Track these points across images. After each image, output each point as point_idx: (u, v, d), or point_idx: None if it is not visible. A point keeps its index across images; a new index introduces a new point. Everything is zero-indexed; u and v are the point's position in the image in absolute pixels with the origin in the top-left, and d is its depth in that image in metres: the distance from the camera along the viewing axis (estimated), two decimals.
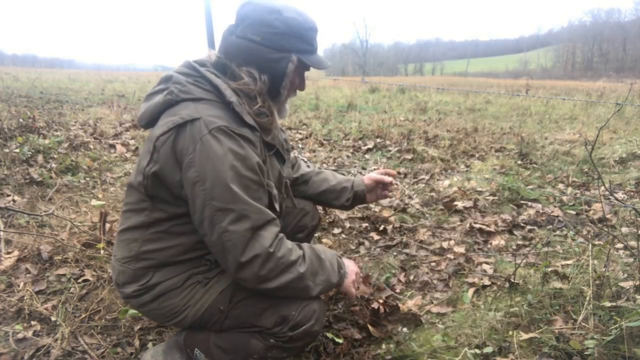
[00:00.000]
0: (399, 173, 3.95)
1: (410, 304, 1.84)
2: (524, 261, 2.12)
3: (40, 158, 3.44)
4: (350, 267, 1.34)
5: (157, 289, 1.21)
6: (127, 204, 1.24)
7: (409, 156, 4.50)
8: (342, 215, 2.79)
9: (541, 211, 2.95)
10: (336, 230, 2.61)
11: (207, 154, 1.06)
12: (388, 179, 1.66)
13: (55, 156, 3.58)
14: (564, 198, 3.22)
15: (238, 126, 1.12)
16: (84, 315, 1.68)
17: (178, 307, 1.22)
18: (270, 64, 1.18)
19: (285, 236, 1.18)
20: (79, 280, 1.89)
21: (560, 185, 3.66)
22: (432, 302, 1.88)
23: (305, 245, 1.23)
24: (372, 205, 3.02)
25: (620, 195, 3.38)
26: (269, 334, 1.22)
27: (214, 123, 1.08)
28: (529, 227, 2.72)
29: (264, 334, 1.23)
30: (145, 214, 1.18)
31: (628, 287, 1.57)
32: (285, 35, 1.17)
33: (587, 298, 1.51)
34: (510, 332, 1.52)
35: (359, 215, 2.83)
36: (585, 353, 1.34)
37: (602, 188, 3.31)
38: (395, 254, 2.35)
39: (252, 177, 1.11)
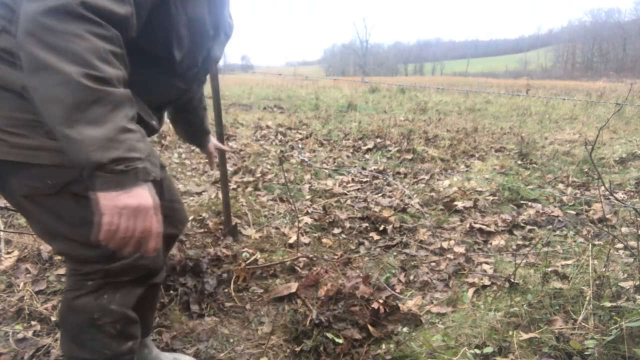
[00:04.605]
0: (398, 173, 3.95)
1: (410, 304, 1.84)
2: (524, 261, 2.12)
3: None
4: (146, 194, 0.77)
5: None
6: None
7: (409, 156, 4.50)
8: (342, 215, 2.79)
9: (541, 211, 2.95)
10: (336, 230, 2.61)
11: None
12: (223, 147, 1.85)
13: None
14: (564, 198, 3.22)
15: None
16: None
17: None
18: None
19: None
20: None
21: (560, 185, 3.66)
22: (432, 302, 1.88)
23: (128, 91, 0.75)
24: (372, 205, 3.02)
25: (620, 195, 3.38)
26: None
27: None
28: (529, 227, 2.72)
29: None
30: None
31: (628, 287, 1.57)
32: None
33: (587, 298, 1.52)
34: (510, 332, 1.52)
35: (359, 215, 2.84)
36: (585, 353, 1.34)
37: (602, 188, 3.31)
38: (395, 254, 2.35)
39: None
